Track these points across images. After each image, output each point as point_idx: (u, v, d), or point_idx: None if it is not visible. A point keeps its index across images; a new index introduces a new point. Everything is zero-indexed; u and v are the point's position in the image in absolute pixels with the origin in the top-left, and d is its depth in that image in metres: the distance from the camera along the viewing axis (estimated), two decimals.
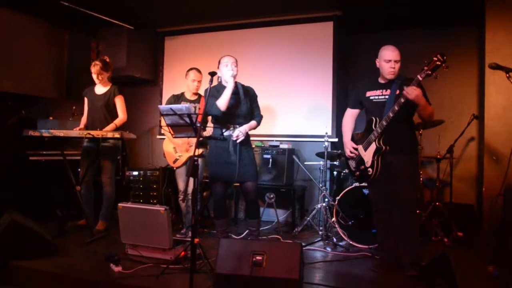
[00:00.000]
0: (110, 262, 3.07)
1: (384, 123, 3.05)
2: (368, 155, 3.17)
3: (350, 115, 3.44)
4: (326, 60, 5.16)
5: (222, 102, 3.48)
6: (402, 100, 2.94)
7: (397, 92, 3.03)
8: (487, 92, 4.32)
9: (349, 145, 3.34)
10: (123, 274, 2.98)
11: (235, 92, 3.58)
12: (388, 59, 3.11)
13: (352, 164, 3.34)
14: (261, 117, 3.75)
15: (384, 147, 3.09)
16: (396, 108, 2.98)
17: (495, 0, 4.29)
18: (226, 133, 3.52)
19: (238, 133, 3.50)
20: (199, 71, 4.23)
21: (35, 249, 3.30)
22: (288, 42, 5.36)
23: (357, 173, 3.29)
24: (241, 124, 3.58)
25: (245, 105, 3.61)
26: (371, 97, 3.24)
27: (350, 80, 5.64)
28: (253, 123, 3.68)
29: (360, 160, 3.24)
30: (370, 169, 3.15)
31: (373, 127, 3.13)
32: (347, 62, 5.56)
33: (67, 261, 3.28)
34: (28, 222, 3.39)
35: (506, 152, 3.89)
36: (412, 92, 2.87)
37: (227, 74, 3.52)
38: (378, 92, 3.20)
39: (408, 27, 5.19)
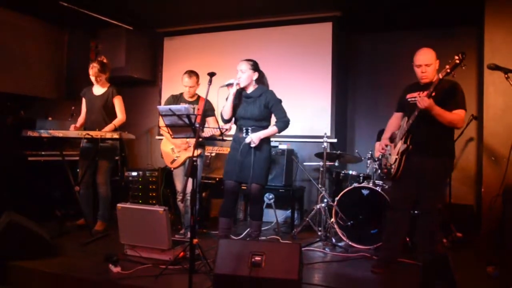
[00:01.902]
0: (109, 262, 3.06)
1: (410, 121, 3.09)
2: (394, 153, 3.25)
3: (394, 117, 3.47)
4: (325, 60, 5.16)
5: (225, 111, 3.60)
6: (416, 112, 3.02)
7: (433, 93, 2.98)
8: (486, 92, 4.33)
9: (382, 142, 3.40)
10: (122, 274, 2.97)
11: (248, 96, 3.61)
12: (418, 64, 3.13)
13: (383, 161, 3.44)
14: (285, 121, 3.59)
15: (407, 146, 3.11)
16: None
17: (494, 0, 4.30)
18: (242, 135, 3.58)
19: (249, 139, 3.49)
20: (190, 75, 4.14)
21: (34, 250, 3.29)
22: (287, 42, 5.36)
23: (385, 170, 3.38)
24: (253, 127, 3.56)
25: (257, 109, 3.58)
26: (409, 99, 3.27)
27: (349, 80, 5.64)
28: (272, 129, 3.58)
29: (389, 158, 3.33)
30: (393, 166, 3.21)
31: (404, 125, 3.19)
32: (346, 63, 5.56)
33: (66, 262, 3.27)
34: (27, 223, 3.38)
35: (505, 153, 3.89)
36: (422, 102, 2.92)
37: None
38: (415, 94, 3.20)
39: (407, 27, 5.19)
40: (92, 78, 4.33)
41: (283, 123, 3.60)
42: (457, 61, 2.82)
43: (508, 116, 4.18)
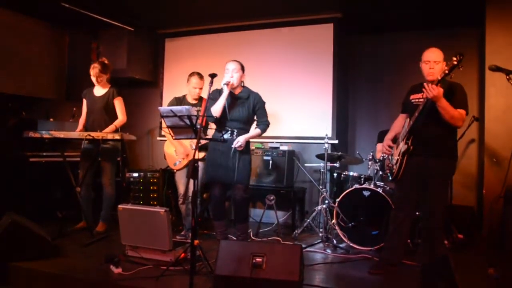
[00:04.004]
0: (110, 263, 3.07)
1: (411, 122, 3.09)
2: (396, 154, 3.26)
3: (400, 118, 3.47)
4: (326, 61, 5.16)
5: (216, 109, 3.54)
6: (423, 98, 3.00)
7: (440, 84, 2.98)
8: (487, 94, 4.33)
9: (385, 143, 3.41)
10: (123, 275, 2.98)
11: (237, 97, 3.60)
12: (427, 60, 3.11)
13: (387, 161, 3.46)
14: (266, 124, 3.72)
15: (408, 146, 3.12)
16: (421, 107, 3.02)
17: (495, 2, 4.30)
18: (225, 136, 3.55)
19: (239, 143, 3.50)
20: (200, 77, 4.17)
21: (35, 250, 3.29)
22: (289, 44, 5.36)
23: (387, 170, 3.40)
24: (239, 129, 3.58)
25: (246, 111, 3.61)
26: (412, 100, 3.27)
27: (350, 81, 5.64)
28: (256, 131, 3.68)
29: (392, 158, 3.35)
30: (394, 167, 3.23)
31: (406, 126, 3.20)
32: (347, 64, 5.56)
33: (67, 262, 3.27)
34: (28, 223, 3.39)
35: (506, 154, 3.89)
36: (431, 90, 2.88)
37: (222, 81, 3.55)
38: (419, 95, 3.19)
39: (408, 29, 5.20)
40: (93, 79, 4.33)
41: (266, 125, 3.72)
42: (455, 62, 2.82)
43: (510, 117, 4.18)
